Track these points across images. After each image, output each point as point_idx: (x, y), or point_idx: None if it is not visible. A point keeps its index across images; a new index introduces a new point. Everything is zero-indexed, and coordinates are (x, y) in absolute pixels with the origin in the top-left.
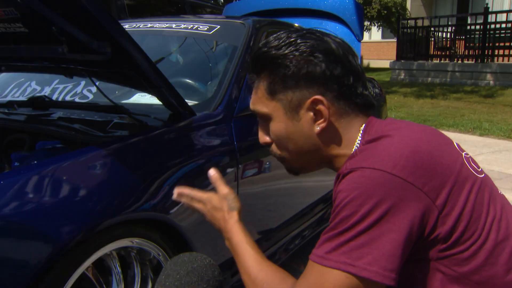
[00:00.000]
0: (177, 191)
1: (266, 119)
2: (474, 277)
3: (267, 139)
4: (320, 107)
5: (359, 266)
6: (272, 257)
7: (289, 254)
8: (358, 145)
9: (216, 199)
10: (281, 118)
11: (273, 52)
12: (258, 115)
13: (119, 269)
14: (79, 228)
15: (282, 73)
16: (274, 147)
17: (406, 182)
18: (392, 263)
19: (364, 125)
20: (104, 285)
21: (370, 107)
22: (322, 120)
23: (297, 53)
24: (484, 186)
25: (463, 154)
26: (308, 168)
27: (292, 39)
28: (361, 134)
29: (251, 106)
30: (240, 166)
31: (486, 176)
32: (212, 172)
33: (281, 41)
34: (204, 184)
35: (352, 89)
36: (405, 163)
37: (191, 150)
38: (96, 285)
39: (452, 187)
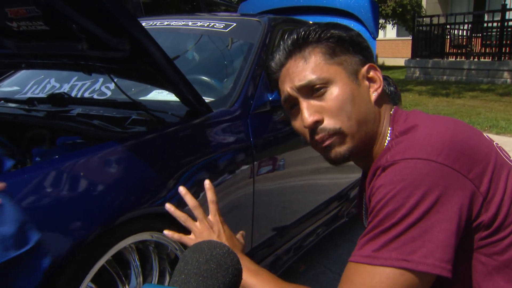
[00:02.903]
0: (169, 206)
1: (322, 87)
2: None
3: (316, 116)
4: (374, 73)
5: (414, 260)
6: (286, 254)
7: (303, 251)
8: (390, 132)
9: (208, 234)
10: (346, 80)
11: (323, 28)
12: (312, 86)
13: (138, 263)
14: (98, 222)
15: (341, 38)
16: (328, 122)
17: (452, 169)
18: (447, 253)
19: (393, 110)
20: (123, 278)
21: (390, 95)
22: (378, 85)
23: (342, 30)
24: None
25: (494, 143)
26: (357, 149)
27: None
28: (390, 120)
29: (301, 81)
30: (256, 163)
31: None
32: (210, 196)
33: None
34: (220, 179)
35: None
36: (449, 151)
37: (208, 146)
38: (115, 278)
39: (492, 174)
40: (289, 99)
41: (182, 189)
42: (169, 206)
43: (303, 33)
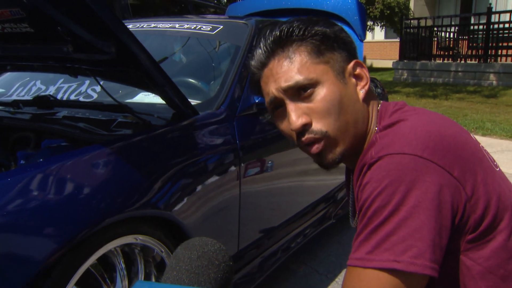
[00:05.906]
0: None
1: (310, 88)
2: (499, 271)
3: (304, 119)
4: (360, 70)
5: (405, 260)
6: (274, 255)
7: (290, 252)
8: (376, 126)
9: None
10: (333, 80)
11: (307, 24)
12: (299, 87)
13: (123, 266)
14: (84, 225)
15: (325, 35)
16: (316, 124)
17: (438, 166)
18: (436, 253)
19: (380, 105)
20: (108, 281)
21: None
22: (365, 82)
23: (326, 26)
24: (504, 178)
25: (480, 145)
26: (348, 151)
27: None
28: (378, 115)
29: (288, 82)
30: (242, 164)
31: (500, 169)
32: None
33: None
34: (206, 182)
35: None
36: (435, 146)
37: (194, 149)
38: (100, 281)
39: (477, 174)
40: (274, 101)
41: None
42: None
43: (286, 30)
